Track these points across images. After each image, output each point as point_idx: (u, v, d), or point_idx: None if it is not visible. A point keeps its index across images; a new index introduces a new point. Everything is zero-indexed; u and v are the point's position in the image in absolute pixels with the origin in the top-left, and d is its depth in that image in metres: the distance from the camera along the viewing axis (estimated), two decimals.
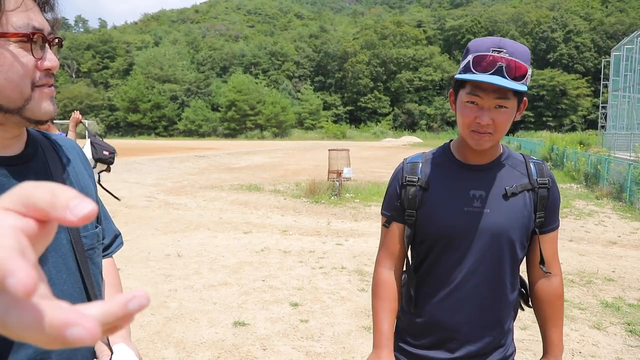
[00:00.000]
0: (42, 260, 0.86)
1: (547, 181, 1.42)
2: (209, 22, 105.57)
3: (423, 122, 72.09)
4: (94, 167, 4.72)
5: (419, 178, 1.46)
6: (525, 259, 1.52)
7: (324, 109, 72.93)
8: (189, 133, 65.98)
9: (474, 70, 1.27)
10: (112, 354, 1.00)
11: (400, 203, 1.48)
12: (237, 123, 65.32)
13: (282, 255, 6.46)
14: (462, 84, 1.33)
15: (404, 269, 1.59)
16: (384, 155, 28.55)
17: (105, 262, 1.16)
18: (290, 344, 3.84)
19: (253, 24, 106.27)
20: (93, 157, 4.42)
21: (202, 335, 3.95)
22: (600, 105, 35.93)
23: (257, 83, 69.44)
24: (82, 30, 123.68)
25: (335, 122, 69.11)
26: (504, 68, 1.23)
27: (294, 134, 64.84)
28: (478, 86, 1.28)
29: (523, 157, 1.48)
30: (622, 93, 26.34)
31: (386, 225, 1.54)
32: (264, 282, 5.35)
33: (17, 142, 0.89)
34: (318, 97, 73.44)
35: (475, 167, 1.43)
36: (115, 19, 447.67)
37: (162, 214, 9.41)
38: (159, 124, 68.26)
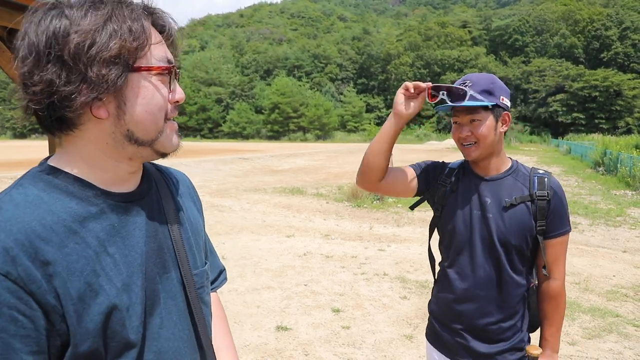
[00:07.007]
0: (155, 301, 0.86)
1: (546, 194, 1.61)
2: (253, 26, 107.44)
3: None
4: None
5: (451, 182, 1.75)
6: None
7: (367, 111, 72.76)
8: (233, 135, 67.30)
9: (447, 101, 1.59)
10: None
11: (429, 183, 1.77)
12: (280, 125, 66.12)
13: (324, 260, 6.50)
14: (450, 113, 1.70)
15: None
16: (427, 158, 28.12)
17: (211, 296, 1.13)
18: (331, 350, 3.87)
19: (296, 27, 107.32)
20: None
21: (246, 339, 4.04)
22: None
23: (300, 86, 70.12)
24: None
25: (378, 124, 68.56)
26: (467, 94, 1.57)
27: (337, 137, 64.97)
28: (455, 110, 1.62)
29: (529, 170, 1.69)
30: None
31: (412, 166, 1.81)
32: (306, 286, 5.40)
33: (135, 176, 0.90)
34: (361, 99, 73.38)
35: (485, 178, 1.68)
36: None
37: (207, 215, 9.62)
38: (205, 126, 70.00)
